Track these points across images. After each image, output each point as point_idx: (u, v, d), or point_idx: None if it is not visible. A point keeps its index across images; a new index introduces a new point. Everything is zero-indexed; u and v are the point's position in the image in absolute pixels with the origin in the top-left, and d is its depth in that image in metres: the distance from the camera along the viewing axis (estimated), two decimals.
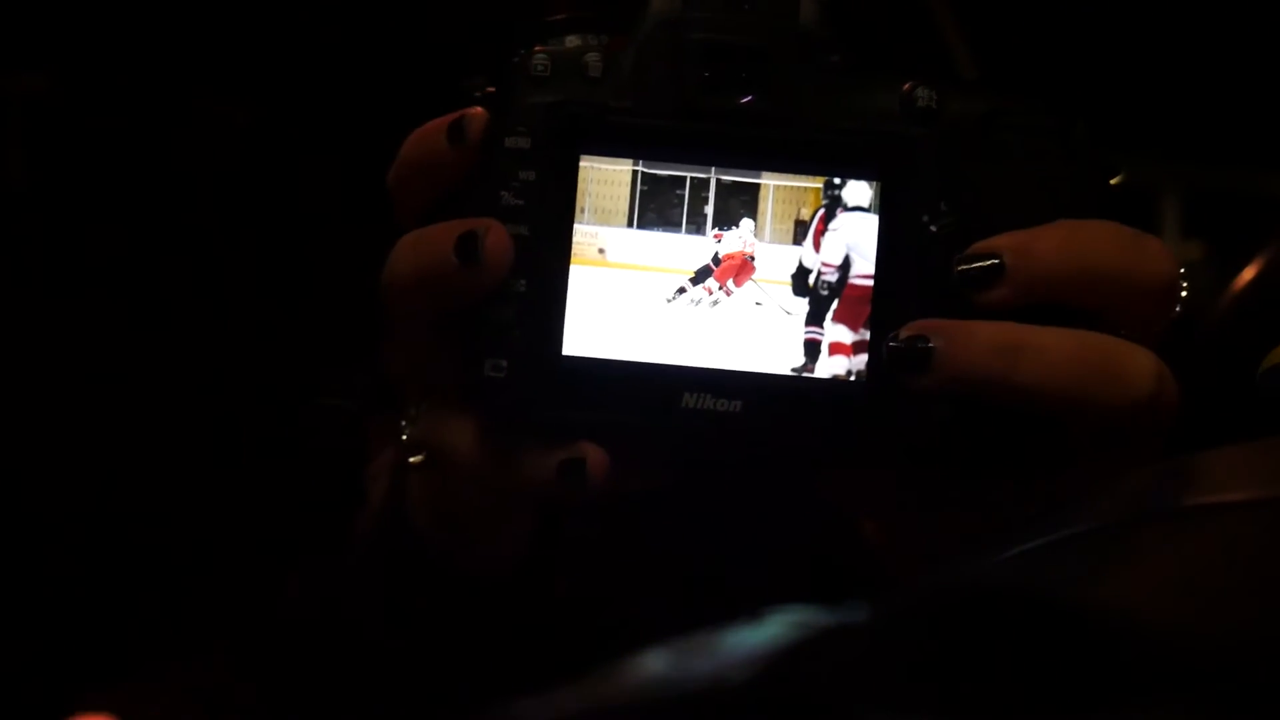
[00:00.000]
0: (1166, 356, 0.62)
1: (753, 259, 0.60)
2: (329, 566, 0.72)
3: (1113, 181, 0.63)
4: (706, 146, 0.58)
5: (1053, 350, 0.56)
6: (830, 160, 0.59)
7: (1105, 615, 0.42)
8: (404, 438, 0.62)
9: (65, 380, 1.01)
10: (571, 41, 0.58)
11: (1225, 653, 0.40)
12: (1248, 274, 0.96)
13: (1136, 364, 0.56)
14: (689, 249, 0.60)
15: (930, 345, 0.56)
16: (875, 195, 0.59)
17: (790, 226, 0.60)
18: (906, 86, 0.59)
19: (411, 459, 0.61)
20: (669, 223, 0.60)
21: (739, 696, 0.40)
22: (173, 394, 0.97)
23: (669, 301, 0.60)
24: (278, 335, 0.94)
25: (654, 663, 0.41)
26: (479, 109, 0.58)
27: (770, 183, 0.59)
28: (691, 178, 0.59)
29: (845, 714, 0.39)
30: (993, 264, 0.56)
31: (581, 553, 0.68)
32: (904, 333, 0.57)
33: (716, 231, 0.60)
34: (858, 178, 0.59)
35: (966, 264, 0.57)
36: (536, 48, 0.58)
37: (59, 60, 1.09)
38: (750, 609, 0.43)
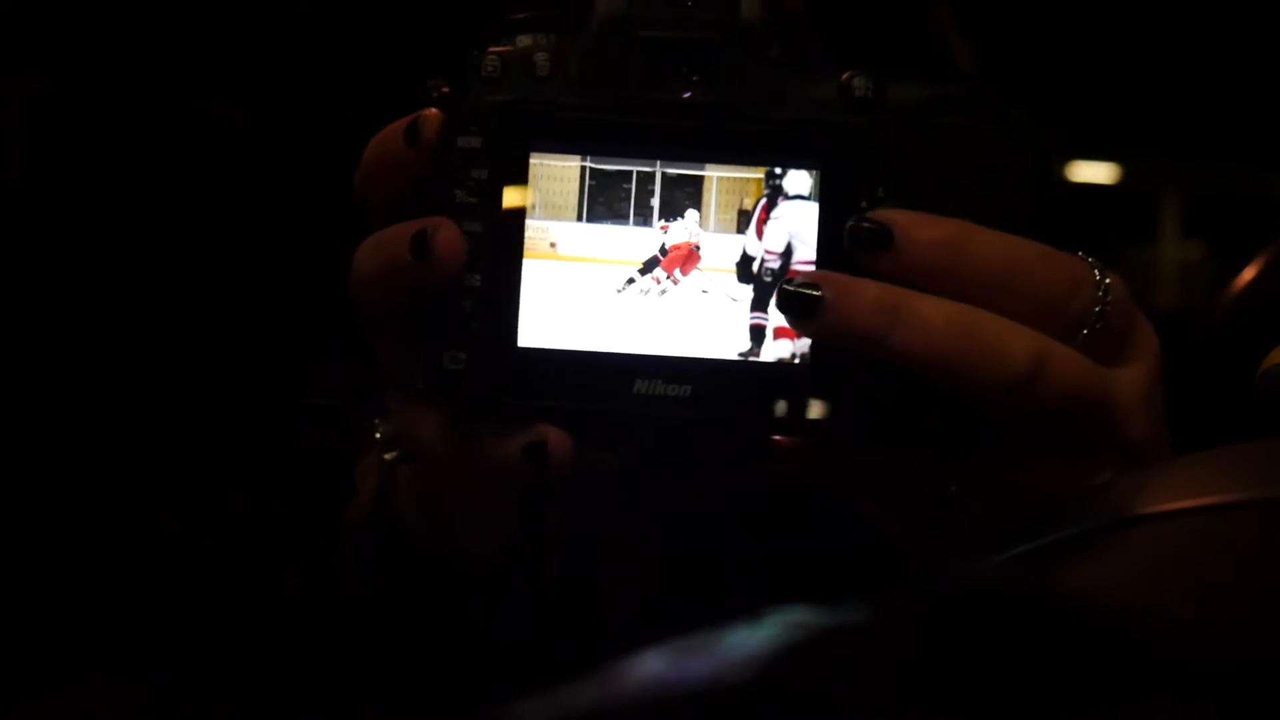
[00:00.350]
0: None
1: (698, 249, 0.62)
2: (324, 565, 0.72)
3: (1062, 171, 0.64)
4: (652, 141, 0.60)
5: (927, 317, 0.57)
6: (771, 150, 0.60)
7: (1103, 615, 0.42)
8: (378, 435, 0.64)
9: (62, 380, 1.01)
10: (522, 41, 0.60)
11: (1220, 653, 0.41)
12: (1248, 274, 0.96)
13: (1014, 343, 0.57)
14: (637, 240, 0.62)
15: (819, 294, 0.58)
16: (815, 183, 0.60)
17: (734, 216, 0.62)
18: (845, 76, 0.60)
19: (386, 455, 0.63)
20: (617, 215, 0.61)
21: (739, 696, 0.40)
22: (171, 394, 0.97)
23: (619, 292, 0.61)
24: (278, 335, 0.94)
25: (654, 663, 0.41)
26: (433, 110, 0.60)
27: (714, 174, 0.61)
28: (638, 171, 0.61)
29: (845, 714, 0.39)
30: (881, 231, 0.58)
31: (567, 542, 0.69)
32: (798, 279, 0.59)
33: (663, 223, 0.61)
34: (798, 167, 0.60)
35: (859, 224, 0.59)
36: (489, 49, 0.60)
37: (59, 60, 1.10)
38: (739, 597, 0.43)
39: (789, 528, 0.79)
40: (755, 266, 0.61)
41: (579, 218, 0.61)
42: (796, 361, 0.60)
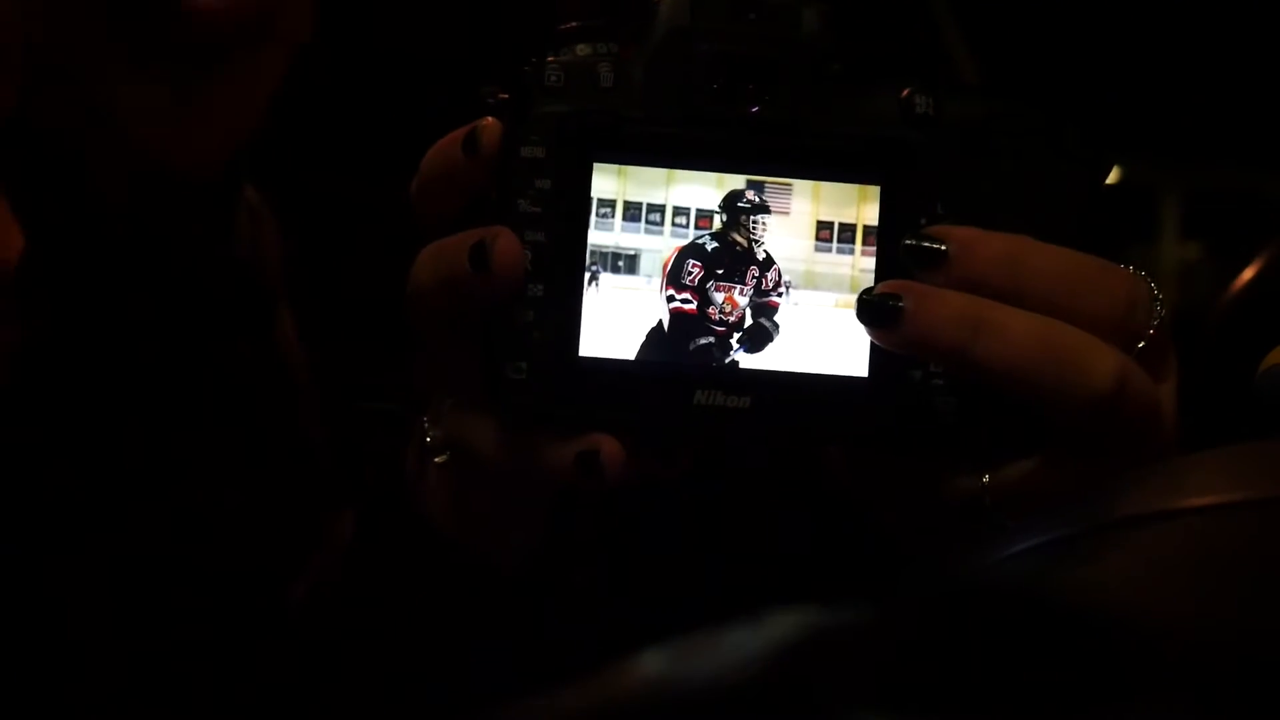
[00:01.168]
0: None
1: (777, 260, 0.61)
2: (339, 564, 0.73)
3: (1109, 180, 0.64)
4: (717, 154, 0.60)
5: (1014, 331, 0.57)
6: (835, 166, 0.60)
7: (1103, 615, 0.42)
8: (428, 439, 0.63)
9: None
10: (582, 50, 0.60)
11: (1220, 653, 0.41)
12: (1248, 274, 0.96)
13: (1099, 361, 0.58)
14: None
15: (900, 304, 0.57)
16: (878, 198, 0.61)
17: (800, 226, 0.61)
18: (905, 93, 0.61)
19: (437, 459, 0.63)
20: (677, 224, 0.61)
21: (739, 696, 0.40)
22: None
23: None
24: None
25: (654, 663, 0.41)
26: (491, 120, 0.59)
27: (778, 185, 0.60)
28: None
29: (845, 714, 0.39)
30: (937, 249, 0.58)
31: (598, 544, 0.69)
32: (879, 289, 0.58)
33: (740, 235, 0.61)
34: (861, 182, 0.60)
35: (915, 241, 0.58)
36: (549, 58, 0.59)
37: None
38: (754, 606, 0.43)
39: (828, 529, 0.79)
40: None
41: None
42: (850, 375, 0.60)
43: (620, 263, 0.59)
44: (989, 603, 0.44)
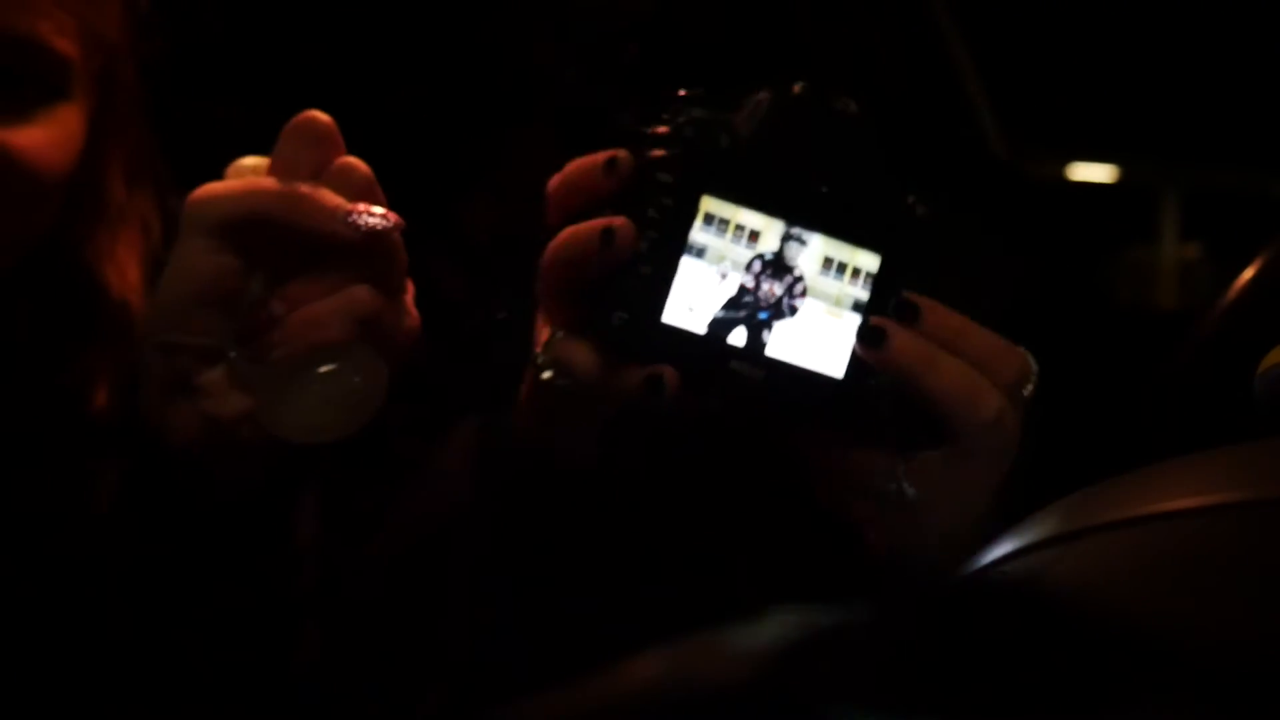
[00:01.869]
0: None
1: (806, 283, 0.86)
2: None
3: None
4: (788, 209, 0.85)
5: (946, 372, 0.83)
6: (857, 233, 0.85)
7: (1102, 615, 0.43)
8: (540, 360, 0.83)
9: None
10: (702, 113, 0.85)
11: (1219, 653, 0.41)
12: (1248, 274, 0.97)
13: (988, 401, 0.82)
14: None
15: (885, 335, 0.83)
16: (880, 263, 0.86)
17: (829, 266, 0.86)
18: (910, 200, 0.86)
19: (544, 375, 0.83)
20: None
21: (739, 696, 0.40)
22: None
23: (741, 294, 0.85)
24: None
25: (654, 663, 0.41)
26: (625, 153, 0.83)
27: (818, 237, 0.86)
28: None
29: (844, 714, 0.39)
30: (915, 308, 0.84)
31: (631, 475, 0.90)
32: (873, 321, 0.83)
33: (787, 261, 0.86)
34: (871, 249, 0.85)
35: (900, 302, 0.84)
36: (680, 118, 0.84)
37: None
38: (754, 606, 0.43)
39: (787, 523, 0.90)
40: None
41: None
42: (832, 375, 0.84)
43: (695, 252, 0.86)
44: (987, 604, 0.44)
